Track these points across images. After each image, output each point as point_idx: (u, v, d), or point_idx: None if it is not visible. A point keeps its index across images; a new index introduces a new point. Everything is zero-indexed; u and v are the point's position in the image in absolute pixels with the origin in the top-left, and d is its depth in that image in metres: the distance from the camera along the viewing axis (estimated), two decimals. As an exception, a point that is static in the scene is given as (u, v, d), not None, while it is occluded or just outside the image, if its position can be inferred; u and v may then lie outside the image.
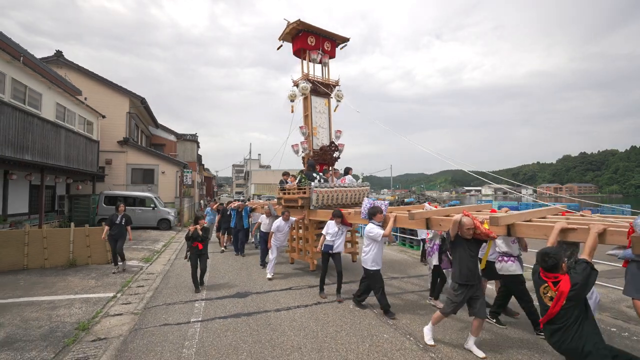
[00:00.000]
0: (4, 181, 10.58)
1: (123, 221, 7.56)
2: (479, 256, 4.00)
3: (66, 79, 14.32)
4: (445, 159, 7.79)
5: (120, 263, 7.50)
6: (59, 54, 16.46)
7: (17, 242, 7.52)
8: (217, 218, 11.00)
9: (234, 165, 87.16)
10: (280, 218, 7.16)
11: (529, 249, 4.69)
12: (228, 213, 10.31)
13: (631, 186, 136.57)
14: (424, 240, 8.14)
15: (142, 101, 18.52)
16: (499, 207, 5.66)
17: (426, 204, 5.89)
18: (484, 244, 4.12)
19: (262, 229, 8.29)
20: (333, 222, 5.74)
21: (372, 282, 4.94)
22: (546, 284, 2.70)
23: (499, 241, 4.48)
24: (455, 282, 3.86)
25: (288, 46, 9.02)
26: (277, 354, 3.73)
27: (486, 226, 3.72)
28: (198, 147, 29.43)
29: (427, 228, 4.67)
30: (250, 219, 10.17)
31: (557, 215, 4.62)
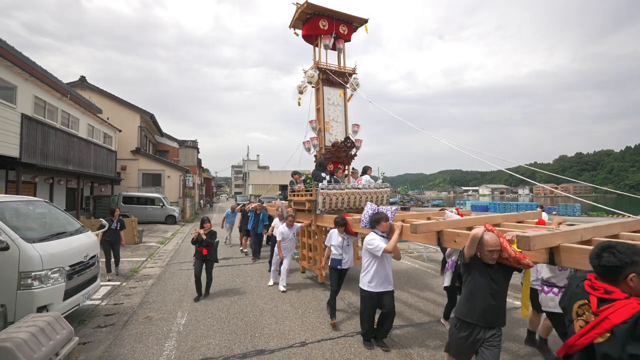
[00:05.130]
0: (51, 185, 13.92)
1: (118, 226, 7.38)
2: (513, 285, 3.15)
3: (90, 100, 17.68)
4: (485, 159, 6.94)
5: (114, 269, 7.30)
6: (83, 79, 19.82)
7: (74, 228, 10.85)
8: (238, 219, 11.05)
9: (233, 166, 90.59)
10: (284, 224, 6.43)
11: None
12: (247, 214, 9.96)
13: (625, 186, 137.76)
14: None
15: (151, 117, 21.92)
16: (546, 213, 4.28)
17: (447, 211, 4.79)
18: (516, 272, 2.80)
19: (275, 232, 7.18)
20: (336, 231, 4.90)
21: (362, 304, 4.01)
22: (586, 301, 1.60)
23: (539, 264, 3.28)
24: (456, 316, 2.81)
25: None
26: (241, 277, 7.20)
27: (516, 247, 2.57)
28: (198, 152, 32.86)
29: (438, 244, 3.63)
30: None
31: (638, 232, 3.24)
